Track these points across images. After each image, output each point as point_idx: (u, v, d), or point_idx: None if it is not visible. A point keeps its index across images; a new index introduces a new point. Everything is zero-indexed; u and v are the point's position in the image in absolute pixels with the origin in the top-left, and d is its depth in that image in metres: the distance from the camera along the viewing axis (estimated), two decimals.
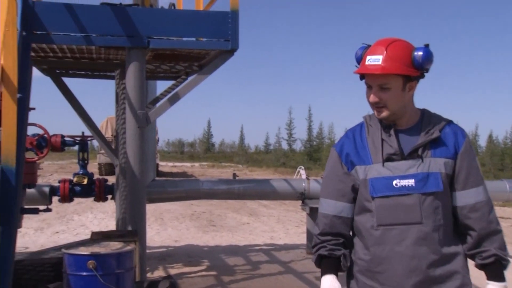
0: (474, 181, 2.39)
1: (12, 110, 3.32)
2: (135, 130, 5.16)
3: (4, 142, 3.34)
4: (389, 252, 2.34)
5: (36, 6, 4.67)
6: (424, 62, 2.33)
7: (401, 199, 2.34)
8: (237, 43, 5.14)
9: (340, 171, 2.50)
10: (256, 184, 8.96)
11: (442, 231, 2.33)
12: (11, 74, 3.31)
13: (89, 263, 4.05)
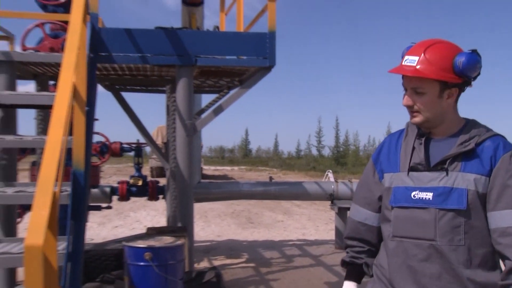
0: (509, 202, 1.91)
1: (82, 121, 3.40)
2: (184, 138, 5.23)
3: (75, 149, 3.41)
4: (402, 265, 2.04)
5: (101, 32, 4.79)
6: (465, 69, 1.95)
7: (417, 212, 2.02)
8: (274, 60, 5.16)
9: (371, 179, 2.25)
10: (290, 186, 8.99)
11: (465, 254, 1.93)
12: (81, 91, 3.39)
13: (146, 255, 4.13)
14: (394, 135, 2.26)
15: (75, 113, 3.33)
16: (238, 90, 5.37)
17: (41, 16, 5.58)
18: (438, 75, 1.97)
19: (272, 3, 5.20)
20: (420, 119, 2.05)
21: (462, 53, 1.98)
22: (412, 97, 2.04)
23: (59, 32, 5.71)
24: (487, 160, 1.95)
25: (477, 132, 2.02)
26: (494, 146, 1.98)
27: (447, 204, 1.94)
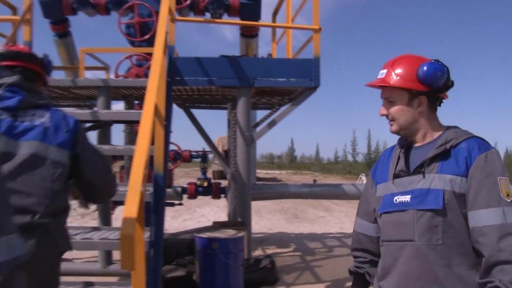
0: (485, 202, 1.69)
1: (161, 134, 3.48)
2: (244, 147, 5.28)
3: (156, 156, 3.50)
4: (389, 268, 1.87)
5: (177, 60, 4.91)
6: (427, 77, 1.82)
7: (399, 215, 1.85)
8: (318, 81, 5.16)
9: (368, 191, 2.10)
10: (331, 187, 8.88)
11: (444, 253, 1.74)
12: (161, 109, 3.48)
13: (213, 244, 4.21)
14: (388, 150, 2.13)
15: (156, 127, 3.42)
16: (289, 107, 5.39)
17: (130, 50, 5.77)
18: (402, 83, 1.86)
19: (317, 35, 5.22)
20: (395, 128, 1.94)
21: (425, 63, 1.85)
22: (386, 106, 1.94)
23: (143, 61, 5.88)
24: (463, 161, 1.77)
25: (454, 136, 1.84)
26: (469, 147, 1.79)
27: (424, 205, 1.77)
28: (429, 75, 1.83)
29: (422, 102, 1.88)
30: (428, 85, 1.85)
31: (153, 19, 5.88)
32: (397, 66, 1.90)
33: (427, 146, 1.89)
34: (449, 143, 1.81)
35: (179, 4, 6.10)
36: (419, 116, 1.90)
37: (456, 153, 1.79)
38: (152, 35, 5.79)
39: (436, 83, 1.84)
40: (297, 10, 6.38)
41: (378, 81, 1.92)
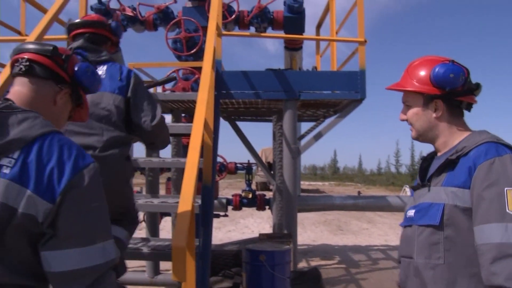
0: (485, 216, 1.48)
1: (209, 147, 3.52)
2: (290, 159, 5.28)
3: (204, 169, 3.54)
4: (404, 284, 1.77)
5: (224, 74, 4.99)
6: (438, 79, 1.68)
7: (406, 230, 1.77)
8: (364, 93, 5.12)
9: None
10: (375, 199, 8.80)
11: (444, 273, 1.56)
12: (210, 122, 3.53)
13: (261, 257, 4.20)
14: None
15: (205, 140, 3.46)
16: (335, 119, 5.35)
17: (176, 64, 5.89)
18: (415, 87, 1.74)
19: (362, 47, 5.19)
20: (414, 134, 1.81)
21: (438, 64, 1.71)
22: (404, 111, 1.83)
23: (189, 75, 5.99)
24: (466, 170, 1.57)
25: (470, 142, 1.63)
26: (476, 154, 1.58)
27: (424, 220, 1.64)
28: (440, 77, 1.69)
29: (438, 106, 1.73)
30: (441, 88, 1.70)
31: (199, 33, 5.99)
32: (413, 68, 1.80)
33: (443, 156, 1.73)
34: (461, 151, 1.63)
35: (224, 19, 6.19)
36: (436, 122, 1.75)
37: (462, 162, 1.61)
38: (198, 49, 5.91)
39: (450, 86, 1.69)
40: (341, 23, 6.36)
41: (394, 84, 1.84)
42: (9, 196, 1.28)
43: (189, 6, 6.51)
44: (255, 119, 7.78)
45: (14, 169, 1.31)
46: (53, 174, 1.34)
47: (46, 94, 1.62)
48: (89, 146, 2.46)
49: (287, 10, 6.59)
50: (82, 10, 5.29)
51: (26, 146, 1.35)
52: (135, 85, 2.72)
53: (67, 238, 1.34)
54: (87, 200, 1.39)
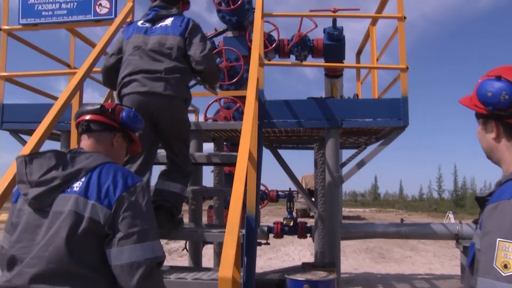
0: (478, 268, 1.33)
1: (253, 176, 3.53)
2: (332, 187, 5.23)
3: (248, 198, 3.54)
4: None
5: (266, 103, 5.03)
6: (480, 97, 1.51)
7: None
8: (407, 120, 5.05)
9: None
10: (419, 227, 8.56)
11: None
12: (253, 152, 3.55)
13: (305, 287, 4.16)
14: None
15: (249, 170, 3.48)
16: (378, 147, 5.29)
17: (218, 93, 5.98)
18: (466, 101, 1.59)
19: (404, 74, 5.15)
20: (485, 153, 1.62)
21: (483, 80, 1.51)
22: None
23: (230, 104, 6.07)
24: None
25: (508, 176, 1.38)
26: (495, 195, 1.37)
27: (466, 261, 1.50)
28: (481, 95, 1.50)
29: (493, 127, 1.53)
30: (485, 106, 1.50)
31: (240, 63, 6.09)
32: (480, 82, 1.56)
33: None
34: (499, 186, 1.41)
35: (265, 48, 6.29)
36: (495, 144, 1.54)
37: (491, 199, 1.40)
38: (239, 78, 5.99)
39: (492, 105, 1.48)
40: (382, 50, 6.36)
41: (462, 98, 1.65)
42: (78, 206, 1.81)
43: (230, 36, 6.64)
44: (297, 147, 7.78)
45: (81, 187, 1.86)
46: (109, 189, 1.85)
47: (105, 141, 2.20)
48: (156, 71, 3.46)
49: (327, 37, 6.64)
50: None
51: (89, 171, 1.91)
52: (191, 28, 3.65)
53: (122, 238, 1.79)
54: (137, 208, 1.86)
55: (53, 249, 1.75)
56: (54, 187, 1.87)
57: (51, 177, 1.88)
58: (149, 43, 3.56)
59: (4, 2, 5.73)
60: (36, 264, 1.75)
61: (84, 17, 5.57)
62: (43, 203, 1.86)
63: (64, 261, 1.75)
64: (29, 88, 6.11)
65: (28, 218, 1.87)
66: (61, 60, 6.70)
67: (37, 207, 1.87)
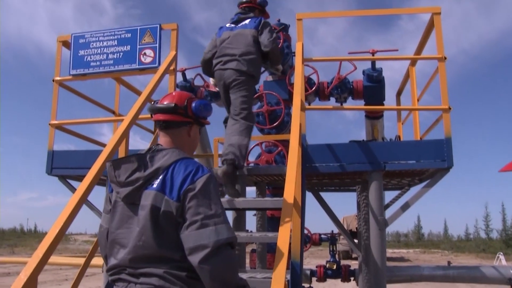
0: None
1: (298, 222, 3.58)
2: (376, 230, 5.18)
3: (293, 243, 3.57)
4: None
5: (308, 148, 5.09)
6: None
7: None
8: (452, 161, 4.98)
9: None
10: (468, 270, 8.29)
11: None
12: (297, 197, 3.60)
13: None
14: None
15: (294, 215, 3.52)
16: (422, 189, 5.22)
17: (260, 138, 6.09)
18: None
19: (447, 114, 5.13)
20: None
21: None
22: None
23: (272, 147, 6.16)
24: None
25: None
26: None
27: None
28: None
29: None
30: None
31: (281, 106, 6.19)
32: None
33: None
34: None
35: (306, 91, 6.39)
36: None
37: None
38: (280, 122, 6.09)
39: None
40: (423, 91, 6.36)
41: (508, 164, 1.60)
42: (156, 200, 2.18)
43: (270, 80, 6.79)
44: (339, 189, 7.76)
45: (158, 184, 2.21)
46: (178, 184, 2.18)
47: (182, 134, 2.50)
48: (233, 54, 4.78)
49: (367, 79, 6.69)
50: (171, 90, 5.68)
51: (165, 169, 2.24)
52: (262, 23, 4.96)
53: (188, 225, 2.12)
54: (199, 198, 2.15)
55: (146, 238, 2.16)
56: (139, 186, 2.24)
57: (136, 178, 2.26)
58: (232, 35, 4.93)
59: (57, 55, 6.08)
60: (132, 251, 2.18)
61: (129, 66, 5.84)
62: (133, 199, 2.26)
63: (153, 247, 2.15)
64: (76, 135, 6.38)
65: (122, 209, 2.30)
66: (107, 107, 6.98)
67: (128, 202, 2.28)
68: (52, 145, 5.99)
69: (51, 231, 3.18)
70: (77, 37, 6.07)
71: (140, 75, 5.99)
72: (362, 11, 6.12)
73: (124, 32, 5.92)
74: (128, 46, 5.85)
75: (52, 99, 5.99)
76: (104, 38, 5.98)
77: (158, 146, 2.42)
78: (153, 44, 5.75)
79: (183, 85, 7.40)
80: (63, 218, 3.29)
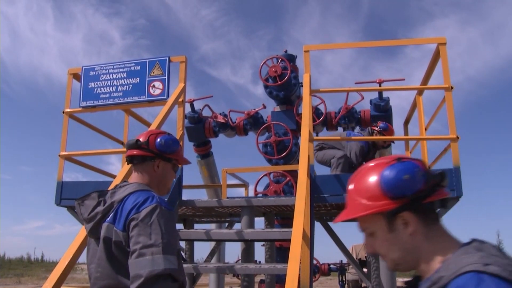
0: None
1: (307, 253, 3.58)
2: None
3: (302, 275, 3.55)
4: None
5: (316, 178, 5.10)
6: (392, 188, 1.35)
7: None
8: (461, 191, 4.95)
9: None
10: None
11: None
12: (306, 229, 3.61)
13: None
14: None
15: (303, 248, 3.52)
16: None
17: (268, 169, 6.12)
18: (366, 208, 1.37)
19: (455, 144, 5.14)
20: (391, 265, 1.43)
21: (385, 169, 1.35)
22: (369, 242, 1.44)
23: (280, 178, 6.18)
24: None
25: (449, 270, 1.20)
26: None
27: None
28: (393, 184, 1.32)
29: (407, 220, 1.34)
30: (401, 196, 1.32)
31: (289, 137, 6.25)
32: (358, 183, 1.43)
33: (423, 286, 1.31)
34: (435, 284, 1.22)
35: (313, 121, 6.44)
36: (412, 241, 1.35)
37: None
38: (288, 152, 6.13)
39: (410, 190, 1.32)
40: (430, 120, 6.38)
41: (342, 214, 1.49)
42: (108, 232, 2.23)
43: (278, 111, 6.86)
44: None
45: (111, 217, 2.26)
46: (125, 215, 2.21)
47: (148, 169, 2.53)
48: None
49: (374, 108, 6.75)
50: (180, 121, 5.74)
51: (119, 202, 2.29)
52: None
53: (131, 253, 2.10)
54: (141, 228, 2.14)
55: (102, 269, 2.24)
56: (98, 220, 2.33)
57: (95, 213, 2.34)
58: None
59: (67, 87, 6.19)
60: (93, 283, 2.26)
61: (138, 98, 5.92)
62: (96, 233, 2.33)
63: (110, 277, 2.21)
64: (85, 166, 6.43)
65: (93, 245, 2.38)
66: (116, 138, 7.04)
67: (94, 237, 2.36)
68: (61, 176, 6.04)
69: (60, 264, 3.21)
70: (87, 69, 6.18)
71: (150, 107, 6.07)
72: (368, 42, 6.19)
73: (133, 64, 6.03)
74: (138, 78, 5.95)
75: (62, 130, 6.06)
76: (113, 70, 6.09)
77: (124, 182, 2.49)
78: (162, 77, 5.84)
79: (191, 115, 7.48)
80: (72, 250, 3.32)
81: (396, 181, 1.31)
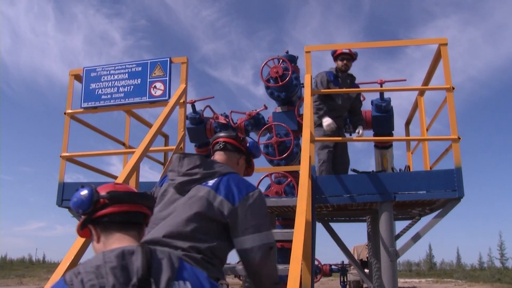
0: None
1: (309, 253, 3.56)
2: (388, 262, 5.12)
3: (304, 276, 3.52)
4: None
5: (318, 179, 5.10)
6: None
7: None
8: (462, 192, 4.95)
9: None
10: None
11: None
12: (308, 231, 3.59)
13: None
14: None
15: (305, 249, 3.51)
16: (433, 220, 5.18)
17: (269, 169, 6.12)
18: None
19: (456, 144, 5.14)
20: None
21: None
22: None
23: (281, 179, 6.18)
24: None
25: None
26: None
27: None
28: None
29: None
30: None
31: (290, 138, 6.24)
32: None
33: None
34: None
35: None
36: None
37: None
38: (289, 153, 6.12)
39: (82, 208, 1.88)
40: (432, 120, 6.38)
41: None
42: (209, 195, 2.45)
43: (279, 111, 6.85)
44: (349, 220, 7.72)
45: (213, 184, 2.51)
46: (235, 192, 2.47)
47: (233, 159, 2.90)
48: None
49: (375, 109, 6.74)
50: (181, 122, 5.75)
51: (221, 175, 2.56)
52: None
53: (243, 230, 2.43)
54: (252, 209, 2.46)
55: (186, 216, 2.40)
56: (195, 179, 2.55)
57: (195, 172, 2.57)
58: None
59: (69, 89, 6.19)
60: (170, 225, 2.39)
61: (140, 99, 5.93)
62: (184, 188, 2.55)
63: (190, 226, 2.38)
64: (87, 167, 6.44)
65: (170, 196, 2.58)
66: (117, 139, 7.04)
67: (179, 190, 2.56)
68: (63, 177, 6.04)
69: (62, 264, 3.20)
70: (88, 70, 6.18)
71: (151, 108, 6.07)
72: (369, 43, 6.19)
73: (134, 65, 6.03)
74: (139, 79, 5.95)
75: (64, 131, 6.07)
76: (115, 71, 6.09)
77: (214, 159, 2.81)
78: (163, 78, 5.85)
79: (192, 116, 7.48)
80: (74, 251, 3.32)
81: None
